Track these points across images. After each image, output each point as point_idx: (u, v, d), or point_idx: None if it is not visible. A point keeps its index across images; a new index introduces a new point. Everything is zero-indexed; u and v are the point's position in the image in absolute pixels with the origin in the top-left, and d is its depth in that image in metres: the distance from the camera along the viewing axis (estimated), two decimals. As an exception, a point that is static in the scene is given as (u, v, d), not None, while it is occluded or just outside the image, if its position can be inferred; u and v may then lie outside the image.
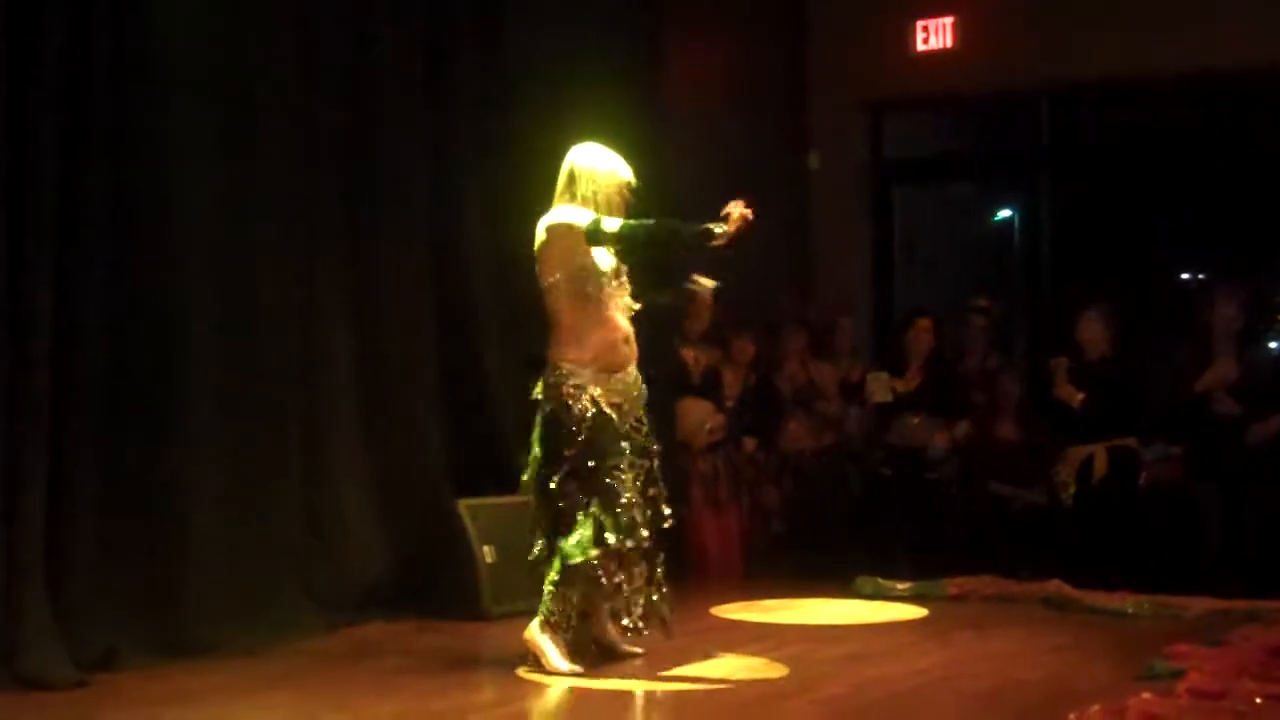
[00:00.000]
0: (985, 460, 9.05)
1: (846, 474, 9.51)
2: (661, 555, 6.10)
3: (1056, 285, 10.72)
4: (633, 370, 6.12)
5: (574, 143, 6.24)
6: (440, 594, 7.44)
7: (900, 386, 9.31)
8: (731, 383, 9.42)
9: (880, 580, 8.27)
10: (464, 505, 7.52)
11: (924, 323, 9.47)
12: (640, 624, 6.00)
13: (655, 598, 6.04)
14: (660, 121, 9.09)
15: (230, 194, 6.78)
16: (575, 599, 5.95)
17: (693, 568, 8.73)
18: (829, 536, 9.17)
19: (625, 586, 5.93)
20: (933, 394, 9.28)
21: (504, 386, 7.97)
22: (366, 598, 7.35)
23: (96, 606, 6.10)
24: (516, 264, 8.07)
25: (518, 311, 7.99)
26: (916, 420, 9.23)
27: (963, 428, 9.20)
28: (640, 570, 5.97)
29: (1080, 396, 8.64)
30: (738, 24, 10.57)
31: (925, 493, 9.11)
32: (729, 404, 9.30)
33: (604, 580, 5.87)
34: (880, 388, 9.35)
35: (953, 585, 8.16)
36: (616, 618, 6.08)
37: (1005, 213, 11.75)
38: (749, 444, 9.39)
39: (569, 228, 5.97)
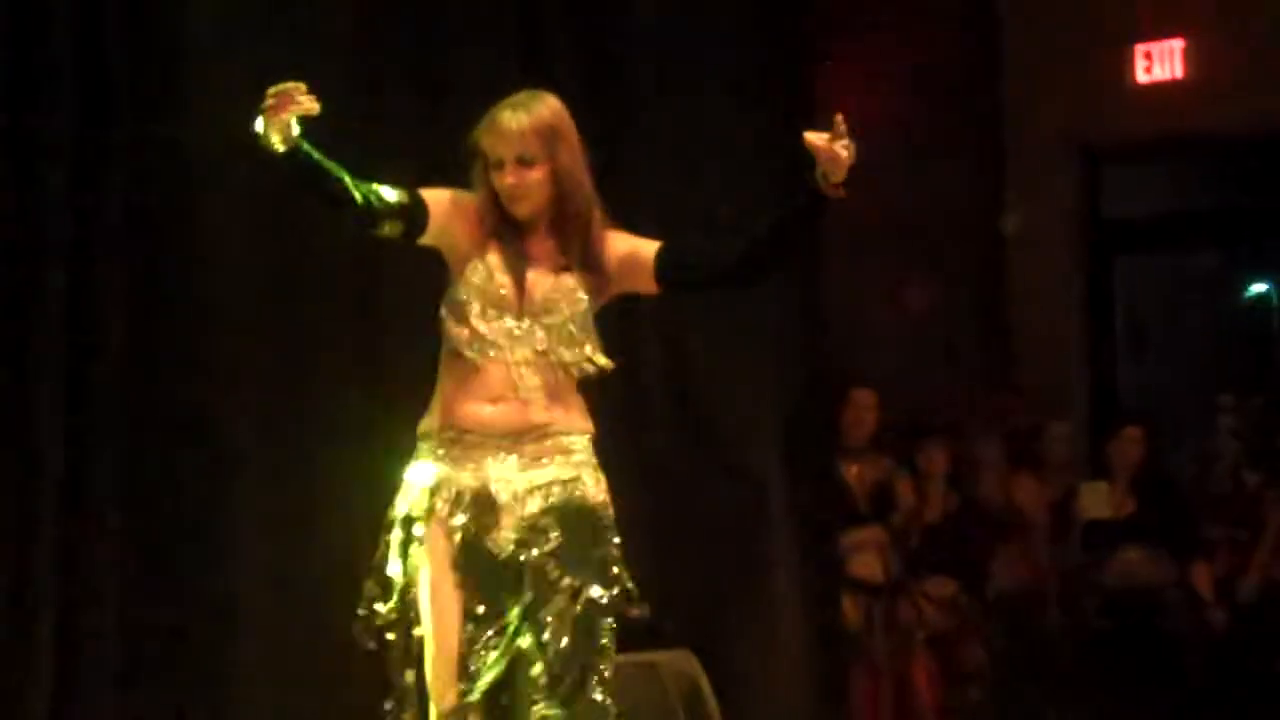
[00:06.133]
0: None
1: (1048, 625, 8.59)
2: None
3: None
4: None
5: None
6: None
7: (1109, 511, 8.44)
8: (908, 501, 8.37)
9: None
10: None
11: (1132, 432, 8.54)
12: None
13: None
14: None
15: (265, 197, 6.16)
16: None
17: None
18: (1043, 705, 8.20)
19: None
20: (1151, 520, 8.31)
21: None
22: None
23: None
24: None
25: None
26: (1135, 555, 8.22)
27: (1202, 570, 8.27)
28: None
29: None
30: (916, 55, 9.64)
31: (1159, 648, 8.11)
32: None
33: None
34: (1097, 501, 8.44)
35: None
36: None
37: (1261, 286, 11.17)
38: (947, 586, 8.31)
39: None
